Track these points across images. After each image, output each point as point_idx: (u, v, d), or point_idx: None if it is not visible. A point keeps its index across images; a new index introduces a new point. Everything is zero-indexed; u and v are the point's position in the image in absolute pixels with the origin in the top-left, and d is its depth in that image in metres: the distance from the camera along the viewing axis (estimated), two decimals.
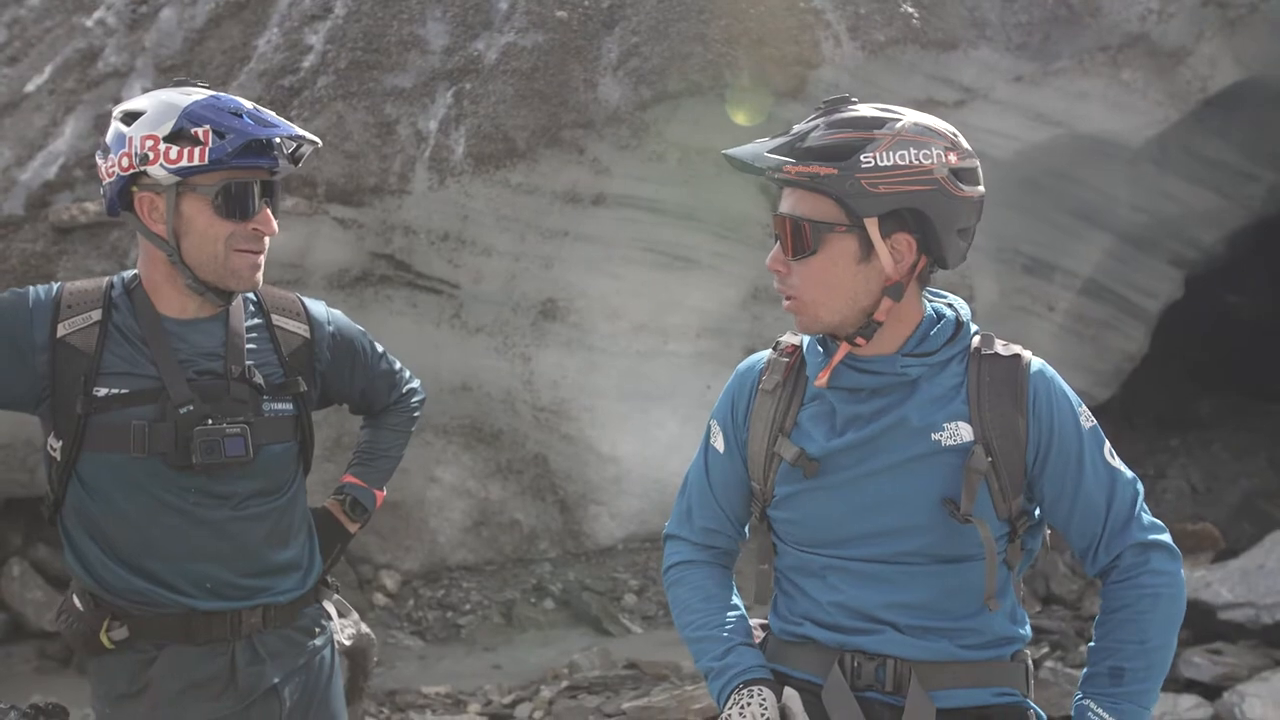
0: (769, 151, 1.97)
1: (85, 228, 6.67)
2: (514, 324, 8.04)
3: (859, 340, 1.99)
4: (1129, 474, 2.02)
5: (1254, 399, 11.92)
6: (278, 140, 2.25)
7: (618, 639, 7.30)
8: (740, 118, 7.07)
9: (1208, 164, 9.69)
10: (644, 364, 8.58)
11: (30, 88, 7.44)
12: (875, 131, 1.93)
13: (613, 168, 7.48)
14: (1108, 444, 2.02)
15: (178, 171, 2.19)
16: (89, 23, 7.75)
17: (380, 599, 7.55)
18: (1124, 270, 10.13)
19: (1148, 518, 2.02)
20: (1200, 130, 9.16)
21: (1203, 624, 5.71)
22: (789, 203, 1.98)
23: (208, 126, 2.20)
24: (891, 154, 1.91)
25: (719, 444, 2.17)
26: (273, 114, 2.32)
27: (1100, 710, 1.95)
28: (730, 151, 2.04)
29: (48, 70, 7.54)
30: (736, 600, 2.17)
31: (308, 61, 7.33)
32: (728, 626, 2.09)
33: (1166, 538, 2.02)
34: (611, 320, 8.33)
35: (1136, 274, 10.26)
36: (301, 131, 2.32)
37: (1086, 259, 9.68)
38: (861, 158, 1.90)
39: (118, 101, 7.40)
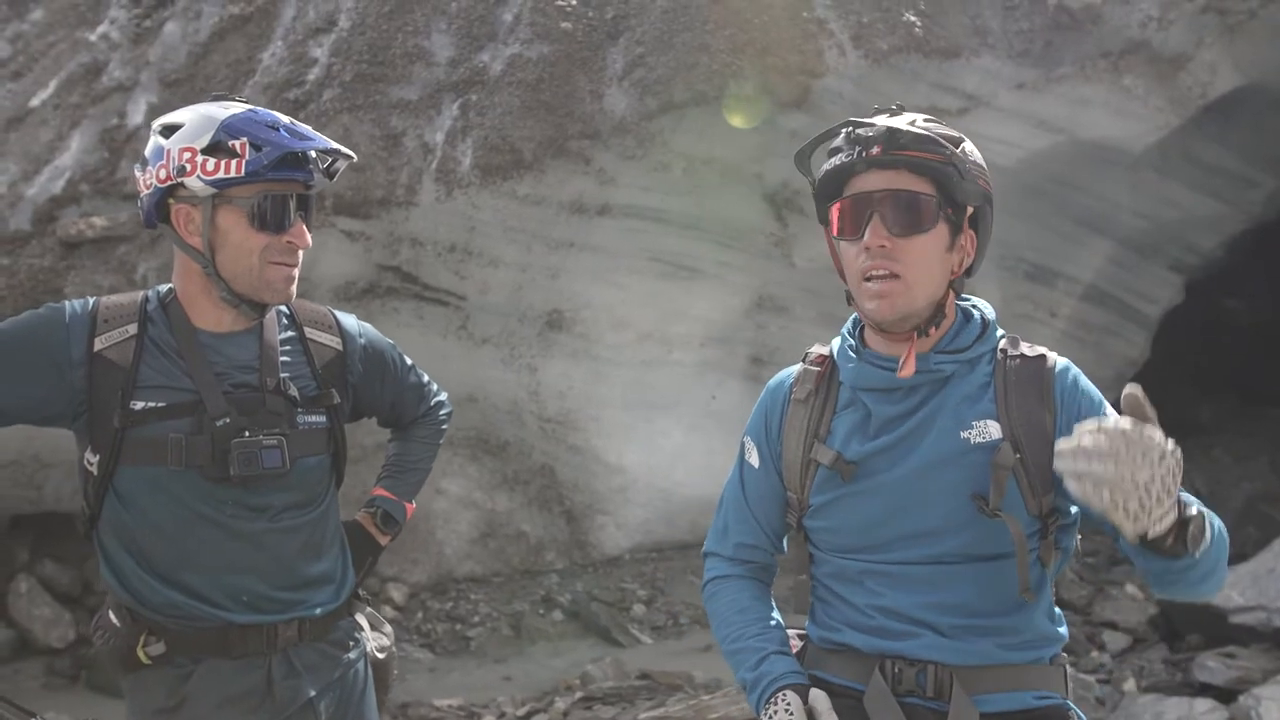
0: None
1: (92, 242, 6.66)
2: (520, 335, 8.04)
3: (931, 330, 2.01)
4: None
5: (1253, 403, 11.95)
6: (313, 154, 2.27)
7: (628, 649, 7.28)
8: (737, 120, 7.08)
9: (1208, 170, 9.73)
10: (649, 374, 8.59)
11: (35, 102, 7.44)
12: (954, 131, 2.00)
13: (618, 178, 7.49)
14: None
15: (214, 183, 2.20)
16: (93, 37, 7.75)
17: (388, 611, 7.53)
18: (1125, 276, 10.16)
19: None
20: (1200, 136, 9.20)
21: (1214, 628, 5.72)
22: (887, 181, 1.95)
23: (245, 139, 2.21)
24: (976, 153, 2.00)
25: (754, 459, 2.19)
26: (309, 128, 2.33)
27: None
28: (861, 120, 2.00)
29: (52, 85, 7.54)
30: (773, 612, 2.17)
31: (313, 74, 7.34)
32: (762, 637, 2.10)
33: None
34: (617, 330, 8.34)
35: (1137, 280, 10.29)
36: (337, 145, 2.33)
37: (1088, 265, 9.71)
38: (965, 149, 1.98)
39: (123, 115, 7.44)
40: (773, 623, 2.13)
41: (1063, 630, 2.12)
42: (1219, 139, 9.41)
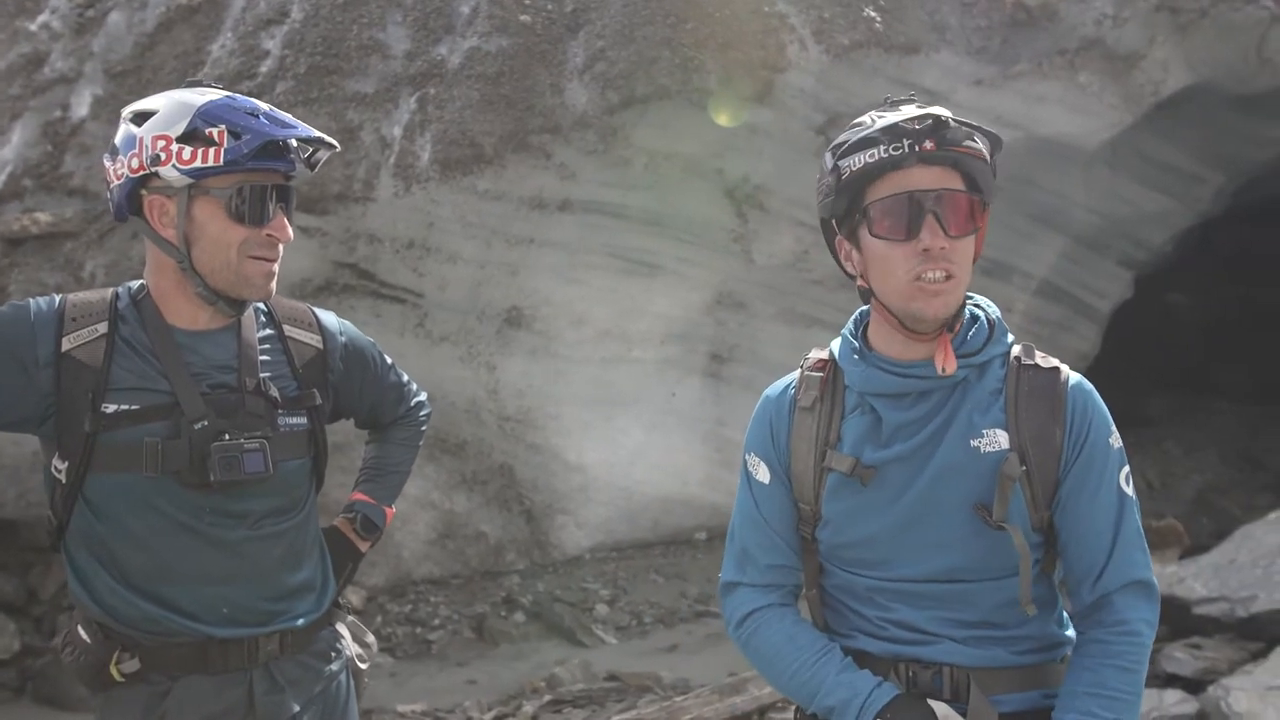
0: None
1: (37, 239, 6.44)
2: (479, 332, 7.93)
3: (957, 326, 1.98)
4: (1135, 500, 2.01)
5: (1201, 396, 12.19)
6: (294, 143, 2.15)
7: (592, 650, 7.20)
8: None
9: (1158, 166, 9.88)
10: (609, 371, 8.52)
11: None
12: None
13: (579, 173, 7.41)
14: (1126, 468, 2.01)
15: (191, 173, 2.08)
16: (33, 27, 7.49)
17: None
18: (1077, 271, 10.29)
19: (1143, 555, 1.99)
20: (1151, 133, 9.33)
21: (1179, 619, 5.77)
22: (935, 179, 1.88)
23: (223, 127, 2.09)
24: None
25: (762, 475, 2.10)
26: (289, 116, 2.22)
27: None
28: (898, 112, 1.91)
29: None
30: (819, 634, 2.08)
31: (265, 67, 7.16)
32: (827, 658, 2.01)
33: (1150, 575, 2.01)
34: (576, 327, 8.25)
35: (1089, 275, 10.43)
36: (319, 134, 2.22)
37: (1042, 261, 9.82)
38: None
39: (66, 108, 7.20)
40: (830, 644, 2.04)
41: (1070, 633, 2.10)
42: (1169, 136, 9.56)
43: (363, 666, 2.54)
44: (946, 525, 1.95)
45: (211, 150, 2.08)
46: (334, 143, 2.25)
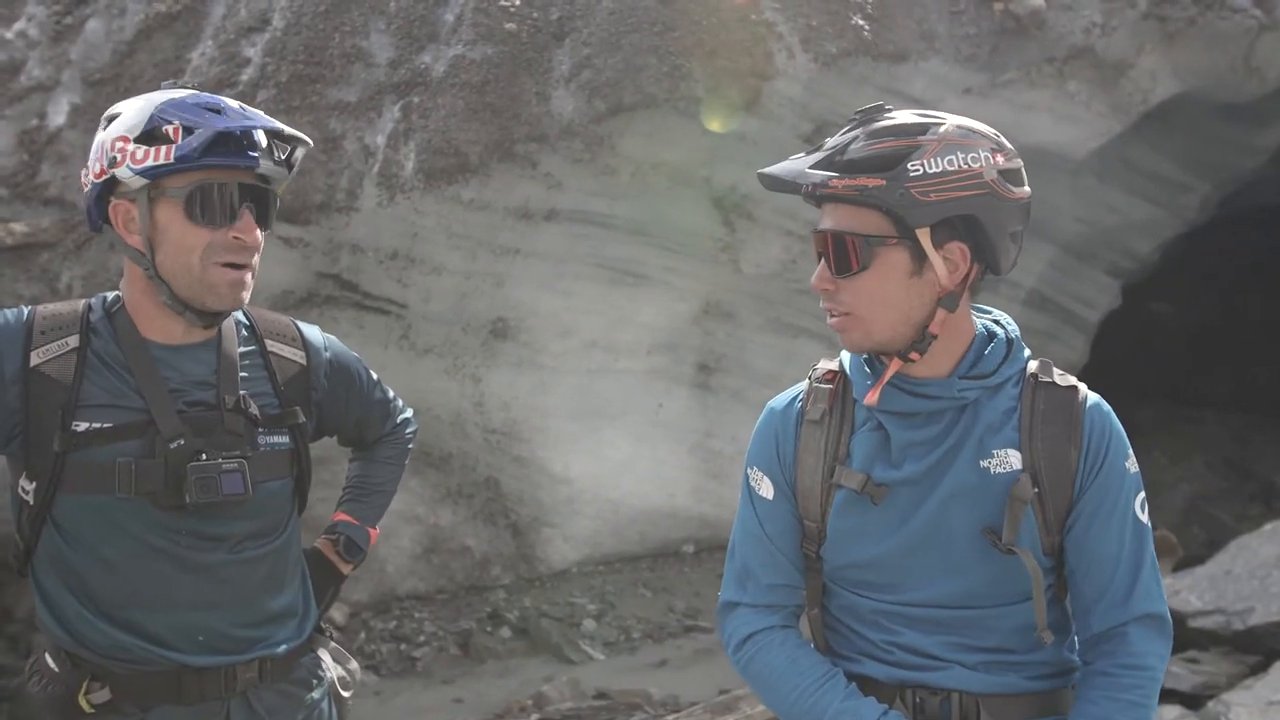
0: (810, 168, 1.87)
1: (12, 249, 6.29)
2: (464, 344, 7.82)
3: (913, 355, 1.89)
4: (1150, 527, 1.95)
5: (1186, 406, 12.18)
6: (258, 136, 2.03)
7: (580, 666, 7.09)
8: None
9: (1145, 175, 9.87)
10: (595, 382, 8.43)
11: None
12: (919, 138, 1.84)
13: (565, 182, 7.32)
14: (1142, 494, 1.95)
15: (144, 173, 1.98)
16: (9, 34, 7.36)
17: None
18: (1065, 281, 10.27)
19: (1158, 586, 1.94)
20: (1139, 142, 9.33)
21: (1175, 632, 5.70)
22: (832, 219, 1.87)
23: (178, 123, 1.99)
24: (939, 160, 1.82)
25: (765, 490, 2.03)
26: (262, 114, 2.11)
27: None
28: (768, 170, 1.93)
29: None
30: (822, 658, 2.02)
31: (246, 75, 7.04)
32: (830, 684, 1.94)
33: (1165, 608, 1.95)
34: (562, 338, 8.16)
35: (1077, 285, 10.41)
36: (283, 126, 2.10)
37: (1030, 271, 9.78)
38: (909, 166, 1.81)
39: (43, 116, 7.07)
40: (830, 668, 1.98)
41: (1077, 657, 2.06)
42: (1156, 145, 9.56)
43: (345, 694, 2.45)
44: (955, 549, 1.89)
45: (165, 148, 1.97)
46: (305, 138, 2.13)
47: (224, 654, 2.14)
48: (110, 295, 2.16)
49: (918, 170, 1.80)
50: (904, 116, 1.89)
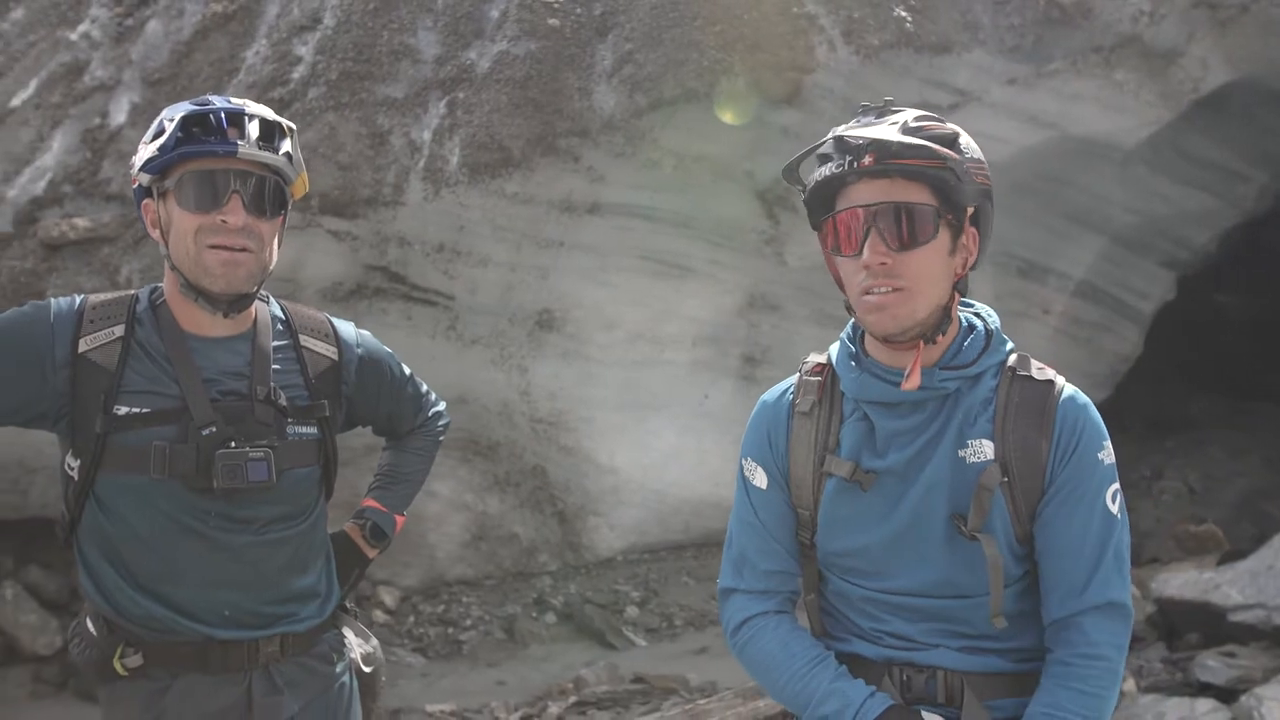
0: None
1: (75, 244, 6.56)
2: (510, 335, 7.96)
3: (938, 338, 1.93)
4: (1120, 519, 1.95)
5: (1245, 399, 11.94)
6: (250, 127, 2.14)
7: (622, 652, 7.21)
8: (729, 116, 7.01)
9: (1199, 165, 9.70)
10: (641, 373, 8.52)
11: (16, 102, 7.33)
12: (950, 125, 1.91)
13: (608, 176, 7.42)
14: (1116, 485, 1.97)
15: (142, 168, 2.16)
16: (74, 36, 7.64)
17: (380, 616, 7.45)
18: (1117, 272, 10.13)
19: (1120, 576, 1.94)
20: (1191, 131, 9.17)
21: (1213, 626, 5.66)
22: (880, 192, 1.86)
23: (171, 120, 2.16)
24: (971, 147, 1.91)
25: (759, 480, 2.09)
26: (249, 101, 2.25)
27: None
28: (846, 130, 1.90)
29: (33, 85, 7.43)
30: (814, 641, 2.08)
31: (297, 73, 7.24)
32: (821, 667, 2.00)
33: (1126, 596, 1.95)
34: (608, 330, 8.26)
35: (1129, 275, 10.26)
36: (243, 103, 2.20)
37: (1080, 261, 9.68)
38: (961, 145, 1.88)
39: (105, 115, 7.33)
40: (825, 652, 2.03)
41: None
42: (1210, 134, 9.39)
43: (367, 670, 2.56)
44: (933, 538, 1.94)
45: (155, 143, 2.15)
46: (279, 118, 2.24)
47: (248, 628, 2.26)
48: (156, 287, 2.31)
49: (969, 152, 1.89)
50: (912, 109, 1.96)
